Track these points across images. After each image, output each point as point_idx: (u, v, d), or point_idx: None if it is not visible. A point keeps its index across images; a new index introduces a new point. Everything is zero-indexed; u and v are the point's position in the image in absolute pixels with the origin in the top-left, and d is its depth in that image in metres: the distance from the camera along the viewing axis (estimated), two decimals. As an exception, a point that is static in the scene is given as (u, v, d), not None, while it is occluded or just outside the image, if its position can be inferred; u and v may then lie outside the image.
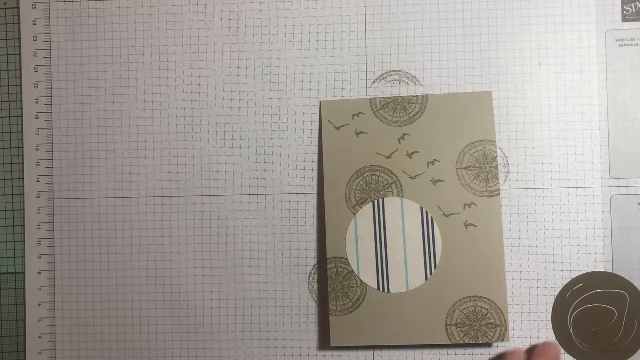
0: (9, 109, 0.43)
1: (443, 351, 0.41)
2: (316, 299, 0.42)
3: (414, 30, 0.42)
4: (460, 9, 0.42)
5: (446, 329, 0.40)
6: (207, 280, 0.42)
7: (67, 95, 0.43)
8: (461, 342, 0.40)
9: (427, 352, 0.41)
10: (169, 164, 0.43)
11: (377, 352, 0.41)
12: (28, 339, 0.43)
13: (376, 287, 0.41)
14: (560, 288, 0.41)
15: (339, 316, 0.41)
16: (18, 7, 0.43)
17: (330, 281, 0.41)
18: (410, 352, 0.41)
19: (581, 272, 0.41)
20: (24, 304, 0.43)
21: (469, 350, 0.41)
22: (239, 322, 0.42)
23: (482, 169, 0.41)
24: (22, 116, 0.43)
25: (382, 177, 0.41)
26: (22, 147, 0.43)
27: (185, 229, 0.42)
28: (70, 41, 0.43)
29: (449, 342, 0.40)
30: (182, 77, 0.43)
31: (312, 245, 0.42)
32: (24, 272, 0.43)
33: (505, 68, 0.41)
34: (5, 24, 0.43)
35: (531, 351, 0.36)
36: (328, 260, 0.41)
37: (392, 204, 0.41)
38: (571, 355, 0.41)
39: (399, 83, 0.42)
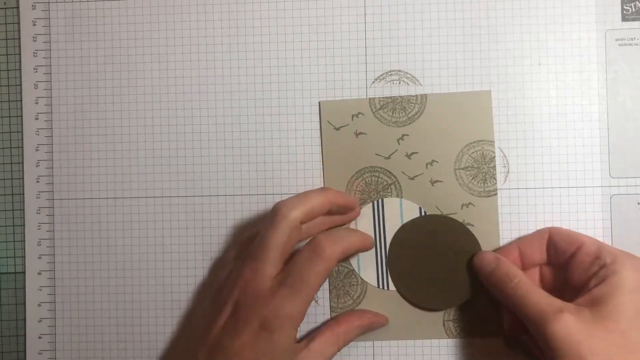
0: (9, 109, 0.45)
1: (443, 342, 0.42)
2: (317, 297, 0.43)
3: (414, 30, 0.43)
4: (460, 9, 0.43)
5: (444, 325, 0.42)
6: (207, 281, 0.44)
7: (67, 95, 0.44)
8: (458, 337, 0.42)
9: (427, 342, 0.42)
10: (169, 164, 0.44)
11: (377, 344, 0.43)
12: (28, 339, 0.44)
13: (376, 285, 0.42)
14: None
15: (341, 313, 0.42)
16: (18, 8, 0.45)
17: (331, 280, 0.43)
18: (410, 342, 0.43)
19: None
20: (24, 304, 0.44)
21: (468, 341, 0.42)
22: (240, 322, 0.43)
23: (480, 169, 0.42)
24: (22, 116, 0.44)
25: (381, 178, 0.43)
26: (22, 148, 0.44)
27: (185, 229, 0.44)
28: (70, 42, 0.44)
29: (447, 337, 0.42)
30: (182, 77, 0.44)
31: (313, 245, 0.43)
32: (24, 272, 0.44)
33: (505, 68, 0.43)
34: (5, 24, 0.45)
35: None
36: (328, 260, 0.43)
37: (391, 204, 0.42)
38: None
39: (399, 83, 0.43)
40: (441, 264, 0.42)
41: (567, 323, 0.34)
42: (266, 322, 0.35)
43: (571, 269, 0.38)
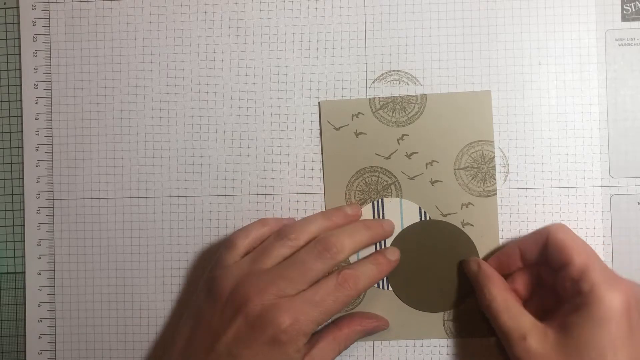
0: (9, 109, 0.45)
1: (443, 342, 0.43)
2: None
3: (413, 30, 0.44)
4: (460, 8, 0.43)
5: (444, 325, 0.43)
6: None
7: (67, 95, 0.45)
8: (458, 337, 0.43)
9: (426, 342, 0.43)
10: (169, 164, 0.44)
11: (377, 344, 0.43)
12: (28, 339, 0.44)
13: (376, 285, 0.43)
14: None
15: (341, 313, 0.43)
16: (18, 8, 0.45)
17: (330, 280, 0.43)
18: (410, 342, 0.43)
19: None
20: (24, 304, 0.45)
21: (467, 341, 0.43)
22: (240, 322, 0.44)
23: (480, 169, 0.43)
24: (22, 116, 0.45)
25: (381, 178, 0.43)
26: (22, 148, 0.45)
27: (185, 229, 0.44)
28: (70, 41, 0.45)
29: (446, 337, 0.43)
30: (182, 77, 0.44)
31: (313, 245, 0.44)
32: (24, 272, 0.45)
33: (504, 68, 0.43)
34: (5, 24, 0.45)
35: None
36: (328, 260, 0.43)
37: (391, 204, 0.43)
38: None
39: (399, 83, 0.44)
40: (439, 268, 0.42)
41: (529, 350, 0.36)
42: (281, 334, 0.36)
43: (557, 283, 0.38)
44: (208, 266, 0.42)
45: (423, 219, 0.43)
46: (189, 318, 0.40)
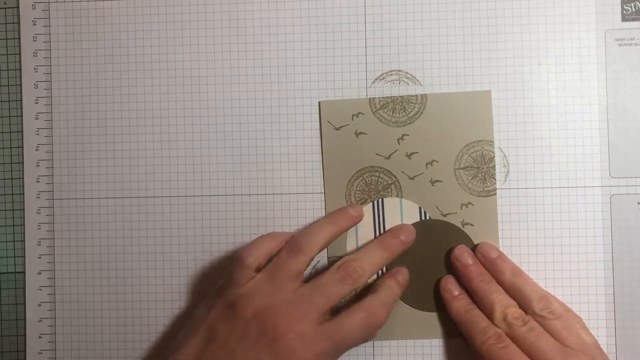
0: (9, 109, 0.45)
1: (443, 342, 0.43)
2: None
3: (414, 30, 0.44)
4: (460, 9, 0.44)
5: (444, 325, 0.42)
6: (207, 281, 0.44)
7: (67, 95, 0.45)
8: (458, 337, 0.42)
9: (427, 342, 0.43)
10: (169, 164, 0.44)
11: (377, 344, 0.43)
12: (28, 339, 0.44)
13: (376, 286, 0.43)
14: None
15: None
16: (18, 7, 0.45)
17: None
18: (410, 342, 0.43)
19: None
20: (24, 304, 0.45)
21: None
22: (240, 321, 0.44)
23: (480, 169, 0.43)
24: (22, 116, 0.45)
25: (381, 178, 0.43)
26: (22, 147, 0.45)
27: (185, 229, 0.44)
28: (70, 41, 0.45)
29: (446, 337, 0.43)
30: (182, 77, 0.45)
31: (313, 245, 0.44)
32: (24, 272, 0.45)
33: (504, 68, 0.43)
34: (5, 24, 0.45)
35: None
36: (329, 260, 0.43)
37: (391, 204, 0.43)
38: None
39: (399, 83, 0.44)
40: (439, 268, 0.43)
41: None
42: None
43: None
44: (216, 281, 0.41)
45: (423, 218, 0.43)
46: (198, 332, 0.39)
